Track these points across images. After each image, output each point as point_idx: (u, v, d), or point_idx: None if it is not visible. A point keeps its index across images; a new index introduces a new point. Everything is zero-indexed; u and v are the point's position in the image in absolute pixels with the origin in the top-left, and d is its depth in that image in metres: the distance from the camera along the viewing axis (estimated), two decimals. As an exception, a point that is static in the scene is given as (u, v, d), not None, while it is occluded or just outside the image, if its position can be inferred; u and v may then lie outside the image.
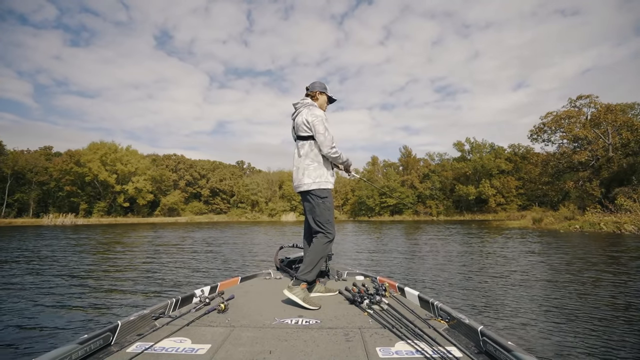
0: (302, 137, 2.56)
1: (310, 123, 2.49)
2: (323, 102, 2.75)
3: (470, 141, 55.33)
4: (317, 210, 2.49)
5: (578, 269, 6.35)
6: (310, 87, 2.74)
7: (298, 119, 2.60)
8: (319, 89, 2.73)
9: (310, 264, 2.40)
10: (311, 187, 2.48)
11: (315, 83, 2.75)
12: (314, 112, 2.53)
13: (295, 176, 2.59)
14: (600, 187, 22.69)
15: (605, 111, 25.32)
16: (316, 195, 2.49)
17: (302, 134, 2.56)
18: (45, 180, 49.19)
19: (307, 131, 2.52)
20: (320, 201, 2.48)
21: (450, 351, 1.47)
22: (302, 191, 2.55)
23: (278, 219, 54.51)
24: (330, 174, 2.57)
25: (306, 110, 2.56)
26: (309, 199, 2.52)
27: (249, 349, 1.55)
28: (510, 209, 47.04)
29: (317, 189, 2.48)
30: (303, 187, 2.51)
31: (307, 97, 2.70)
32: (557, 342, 2.89)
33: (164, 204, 57.26)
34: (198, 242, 13.78)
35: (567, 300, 4.24)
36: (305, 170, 2.50)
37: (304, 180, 2.50)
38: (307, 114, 2.52)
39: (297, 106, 2.68)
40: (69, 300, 4.41)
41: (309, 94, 2.72)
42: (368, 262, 7.99)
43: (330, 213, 2.52)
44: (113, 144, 52.49)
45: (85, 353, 1.44)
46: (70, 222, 39.24)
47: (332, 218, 2.54)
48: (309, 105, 2.62)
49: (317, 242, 2.47)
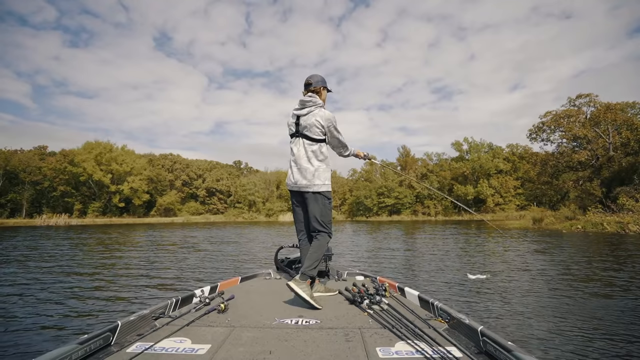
0: (311, 138, 2.53)
1: (326, 128, 2.52)
2: (325, 97, 2.70)
3: (469, 141, 55.23)
4: (323, 211, 2.53)
5: (584, 271, 6.24)
6: (314, 81, 2.63)
7: (310, 119, 2.52)
8: (323, 84, 2.66)
9: (316, 260, 2.44)
10: (321, 189, 2.52)
11: (317, 77, 2.65)
12: (327, 115, 2.52)
13: (300, 175, 2.53)
14: (601, 187, 22.48)
15: (605, 110, 25.13)
16: (325, 197, 2.54)
17: (313, 135, 2.52)
18: (38, 180, 48.43)
19: (320, 135, 2.53)
20: (327, 202, 2.55)
21: (450, 351, 1.46)
22: (312, 192, 2.52)
23: (275, 219, 54.14)
24: (330, 175, 2.65)
25: (320, 113, 2.52)
26: (318, 199, 2.53)
27: (249, 349, 1.54)
28: (508, 209, 46.90)
29: (326, 191, 2.54)
30: (313, 187, 2.51)
31: (314, 94, 2.60)
32: (557, 342, 2.90)
33: (160, 204, 56.66)
34: (197, 242, 13.77)
35: (569, 300, 4.21)
36: (316, 172, 2.51)
37: (314, 181, 2.50)
38: (322, 117, 2.50)
39: (308, 104, 2.56)
40: (68, 301, 4.40)
41: (314, 89, 2.61)
42: (368, 262, 7.94)
43: (331, 213, 2.61)
44: (108, 143, 51.81)
45: (85, 353, 1.43)
46: (64, 222, 38.64)
47: (331, 218, 2.62)
48: (320, 106, 2.56)
49: (322, 240, 2.51)
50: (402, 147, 61.78)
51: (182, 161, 65.67)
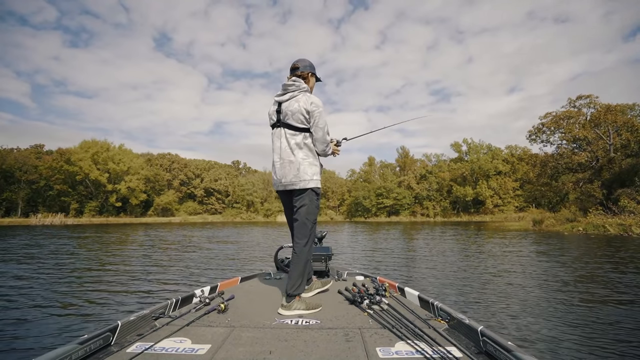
0: (294, 127, 2.23)
1: (311, 114, 2.19)
2: (313, 85, 2.44)
3: (468, 142, 55.14)
4: (310, 209, 2.24)
5: (588, 273, 6.14)
6: (301, 66, 2.35)
7: (292, 105, 2.22)
8: (311, 69, 2.38)
9: (299, 277, 2.19)
10: (309, 185, 2.21)
11: (304, 61, 2.38)
12: (314, 101, 2.22)
13: (283, 171, 2.24)
14: (601, 189, 22.35)
15: (605, 111, 25.04)
16: (314, 193, 2.25)
17: (295, 123, 2.22)
18: (34, 179, 47.94)
19: (304, 123, 2.21)
20: (315, 198, 2.26)
21: (450, 351, 1.45)
22: (299, 189, 2.22)
23: (274, 219, 53.89)
24: (320, 170, 2.34)
25: (304, 97, 2.22)
26: (304, 196, 2.23)
27: (249, 349, 1.54)
28: (507, 210, 46.80)
29: (315, 187, 2.24)
30: (300, 184, 2.21)
31: (299, 79, 2.31)
32: (558, 342, 2.89)
33: (157, 203, 56.26)
34: (197, 242, 13.72)
35: (570, 301, 4.19)
36: (301, 165, 2.20)
37: (300, 176, 2.20)
38: (306, 102, 2.19)
39: (290, 88, 2.27)
40: (68, 301, 4.38)
41: (300, 74, 2.33)
42: (368, 262, 7.88)
43: (317, 211, 2.33)
44: (105, 142, 51.34)
45: (85, 353, 1.42)
46: (59, 221, 38.27)
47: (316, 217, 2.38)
48: (305, 90, 2.27)
49: (304, 250, 2.22)
50: (401, 147, 61.81)
51: (180, 161, 65.28)
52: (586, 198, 22.98)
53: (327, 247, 3.53)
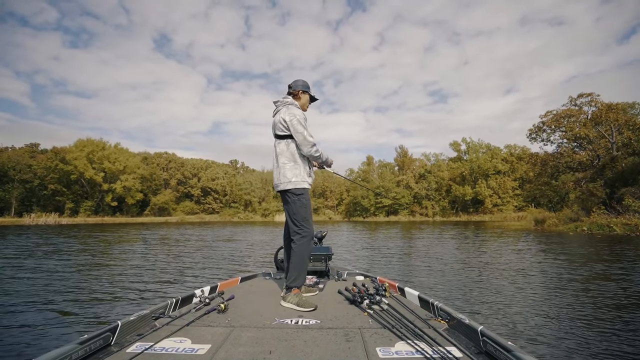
0: (279, 136, 2.53)
1: (288, 122, 2.45)
2: (305, 101, 2.71)
3: (467, 141, 54.83)
4: (293, 208, 2.45)
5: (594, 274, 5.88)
6: (293, 85, 2.68)
7: (277, 117, 2.56)
8: (302, 87, 2.68)
9: (296, 269, 2.37)
10: (287, 187, 2.45)
11: (298, 81, 2.70)
12: (292, 111, 2.49)
13: (274, 175, 2.58)
14: (604, 188, 22.03)
15: (607, 110, 24.73)
16: (292, 194, 2.46)
17: (278, 132, 2.52)
18: (28, 178, 47.25)
19: (284, 130, 2.49)
20: (295, 198, 2.45)
21: (450, 351, 1.45)
22: (280, 190, 2.50)
23: (271, 219, 53.45)
24: (307, 173, 2.53)
25: (285, 109, 2.53)
26: (286, 198, 2.48)
27: (249, 349, 1.54)
28: (506, 209, 46.49)
29: (294, 188, 2.45)
30: (280, 186, 2.49)
31: (289, 96, 2.64)
32: (558, 343, 2.88)
33: (154, 203, 55.66)
34: (196, 242, 13.60)
35: (571, 302, 4.13)
36: (282, 170, 2.48)
37: (280, 179, 2.48)
38: (285, 113, 2.48)
39: (277, 104, 2.63)
40: (68, 301, 4.37)
41: (292, 92, 2.67)
42: (367, 262, 7.74)
43: (307, 210, 2.47)
44: (100, 141, 50.65)
45: (85, 353, 1.43)
46: (54, 221, 37.68)
47: (309, 216, 2.49)
48: (288, 104, 2.58)
49: (297, 245, 2.41)
50: (400, 147, 61.31)
51: (177, 160, 64.59)
52: (588, 197, 22.64)
53: (327, 247, 3.48)
